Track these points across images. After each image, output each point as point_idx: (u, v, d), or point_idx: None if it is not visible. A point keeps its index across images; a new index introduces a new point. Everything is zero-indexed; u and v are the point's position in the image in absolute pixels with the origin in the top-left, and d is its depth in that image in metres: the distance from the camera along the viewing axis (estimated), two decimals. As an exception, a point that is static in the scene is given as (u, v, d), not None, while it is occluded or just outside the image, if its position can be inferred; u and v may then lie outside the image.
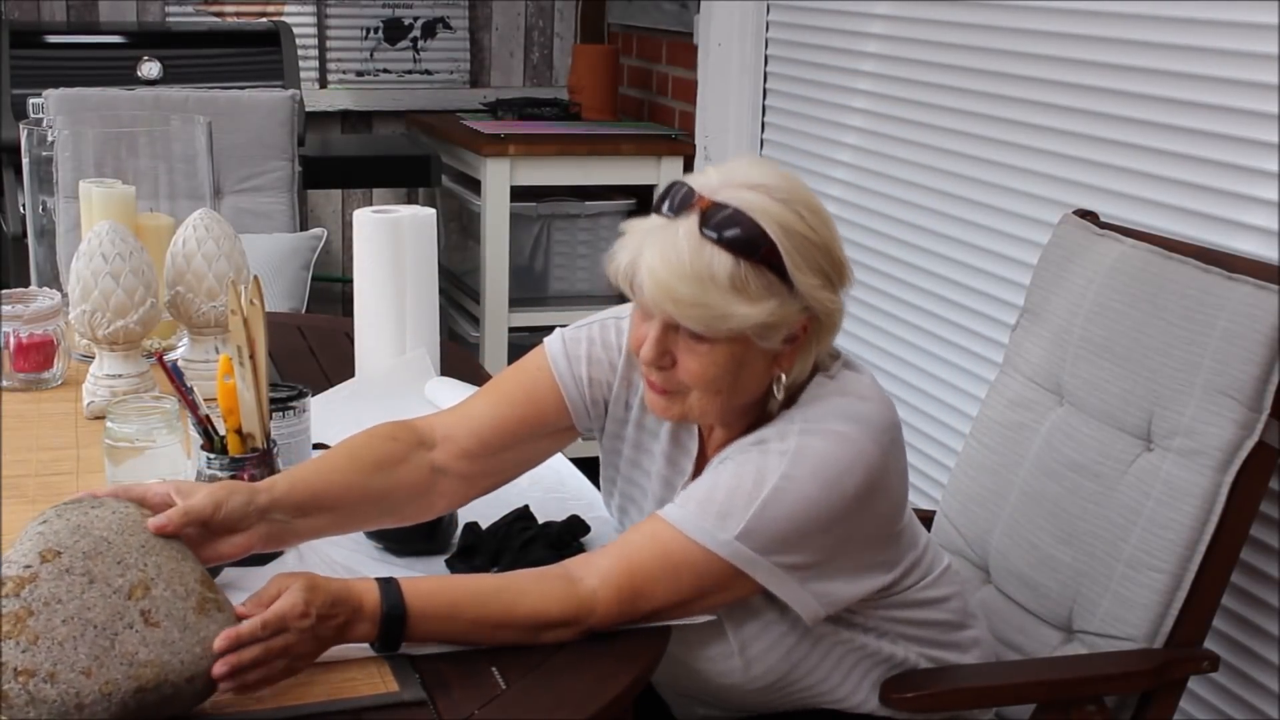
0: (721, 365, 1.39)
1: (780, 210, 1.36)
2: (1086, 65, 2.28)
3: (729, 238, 1.34)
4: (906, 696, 1.55)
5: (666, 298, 1.35)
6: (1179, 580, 1.68)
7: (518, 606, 1.33)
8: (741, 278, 1.34)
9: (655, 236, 1.37)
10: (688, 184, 1.39)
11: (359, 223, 2.09)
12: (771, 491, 1.36)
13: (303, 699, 1.22)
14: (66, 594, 1.16)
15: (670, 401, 1.44)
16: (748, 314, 1.35)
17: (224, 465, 1.45)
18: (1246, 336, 1.65)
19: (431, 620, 1.29)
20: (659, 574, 1.36)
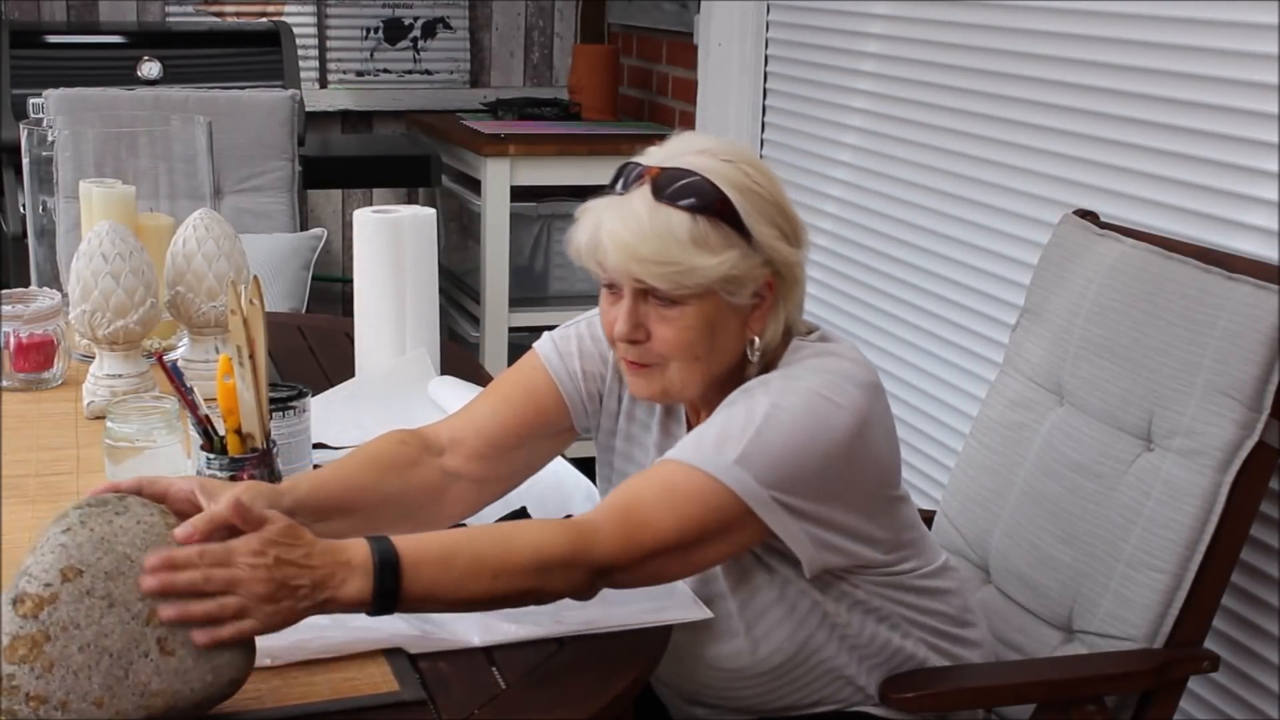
0: (695, 329, 1.42)
1: (727, 168, 1.41)
2: (1086, 65, 2.28)
3: (682, 196, 1.39)
4: (907, 696, 1.55)
5: (631, 259, 1.39)
6: (1179, 580, 1.68)
7: (515, 544, 1.29)
8: (700, 232, 1.38)
9: (612, 208, 1.41)
10: (636, 161, 1.44)
11: (359, 223, 2.09)
12: (764, 419, 1.38)
13: (303, 699, 1.22)
14: (85, 619, 1.13)
15: (649, 378, 1.46)
16: (711, 266, 1.38)
17: (224, 465, 1.45)
18: (1246, 336, 1.65)
19: (428, 568, 1.23)
20: (660, 502, 1.35)
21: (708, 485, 1.36)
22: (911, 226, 2.79)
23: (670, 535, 1.34)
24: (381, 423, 1.88)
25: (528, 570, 1.28)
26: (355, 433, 1.84)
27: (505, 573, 1.27)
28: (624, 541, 1.33)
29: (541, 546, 1.29)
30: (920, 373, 2.78)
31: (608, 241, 1.40)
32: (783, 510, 1.39)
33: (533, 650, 1.32)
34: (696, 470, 1.36)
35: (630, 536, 1.33)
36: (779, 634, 1.51)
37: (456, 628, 1.34)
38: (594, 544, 1.31)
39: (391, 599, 1.22)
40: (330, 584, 1.19)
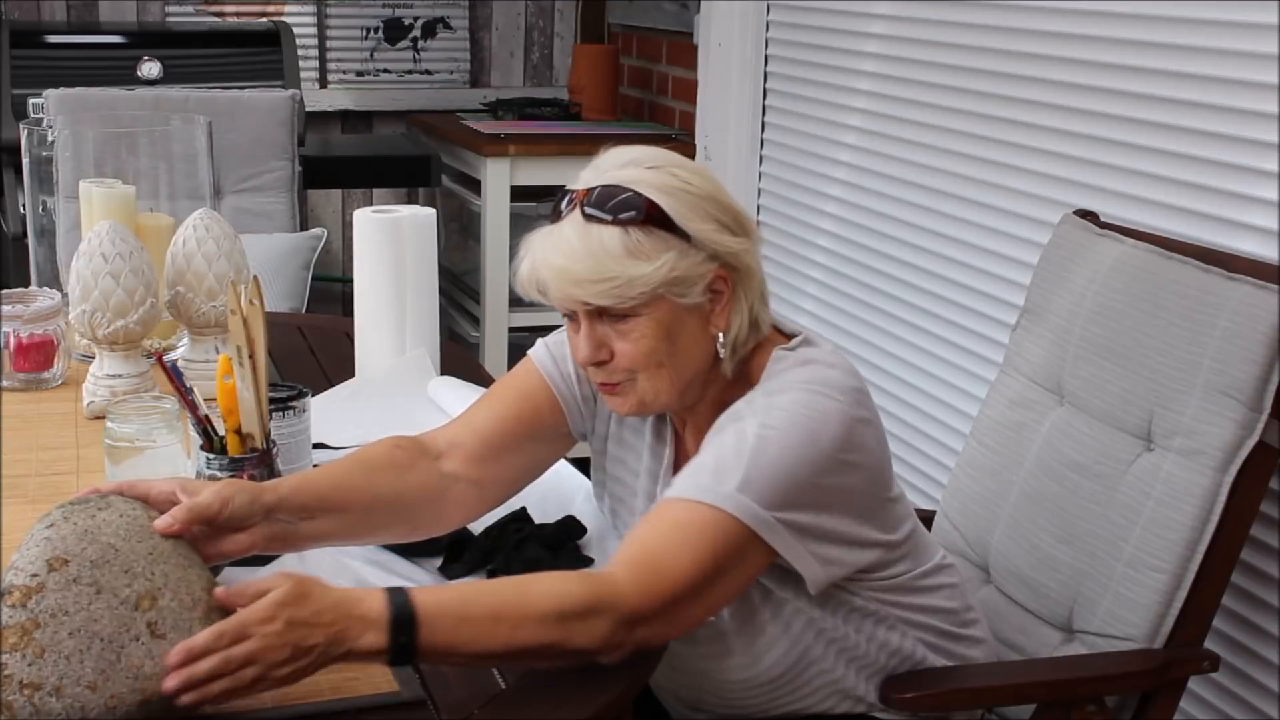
0: (653, 336, 1.42)
1: (653, 175, 1.41)
2: (1086, 65, 2.28)
3: (610, 211, 1.39)
4: (907, 696, 1.55)
5: (569, 282, 1.39)
6: (1179, 580, 1.68)
7: (533, 594, 1.27)
8: (633, 241, 1.39)
9: (544, 238, 1.43)
10: (567, 186, 1.45)
11: (359, 223, 2.09)
12: (755, 442, 1.37)
13: (303, 699, 1.22)
14: (74, 605, 1.15)
15: (624, 395, 1.46)
16: (649, 272, 1.38)
17: (223, 465, 1.45)
18: (1247, 336, 1.65)
19: (444, 620, 1.22)
20: (672, 543, 1.34)
21: (714, 518, 1.35)
22: (911, 226, 2.79)
23: (687, 574, 1.33)
24: (381, 423, 1.89)
25: (548, 620, 1.25)
26: (355, 433, 1.84)
27: (525, 623, 1.25)
28: (644, 588, 1.31)
29: (560, 596, 1.27)
30: (920, 373, 2.78)
31: (544, 271, 1.41)
32: (786, 530, 1.38)
33: (533, 650, 1.32)
34: (701, 505, 1.35)
35: (649, 583, 1.31)
36: (776, 650, 1.51)
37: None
38: (614, 593, 1.29)
39: (409, 652, 1.21)
40: (346, 638, 1.19)
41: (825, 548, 1.43)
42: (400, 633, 1.20)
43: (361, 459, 1.48)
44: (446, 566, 1.52)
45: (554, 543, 1.54)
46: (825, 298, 3.08)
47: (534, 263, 1.43)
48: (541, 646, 1.25)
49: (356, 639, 1.19)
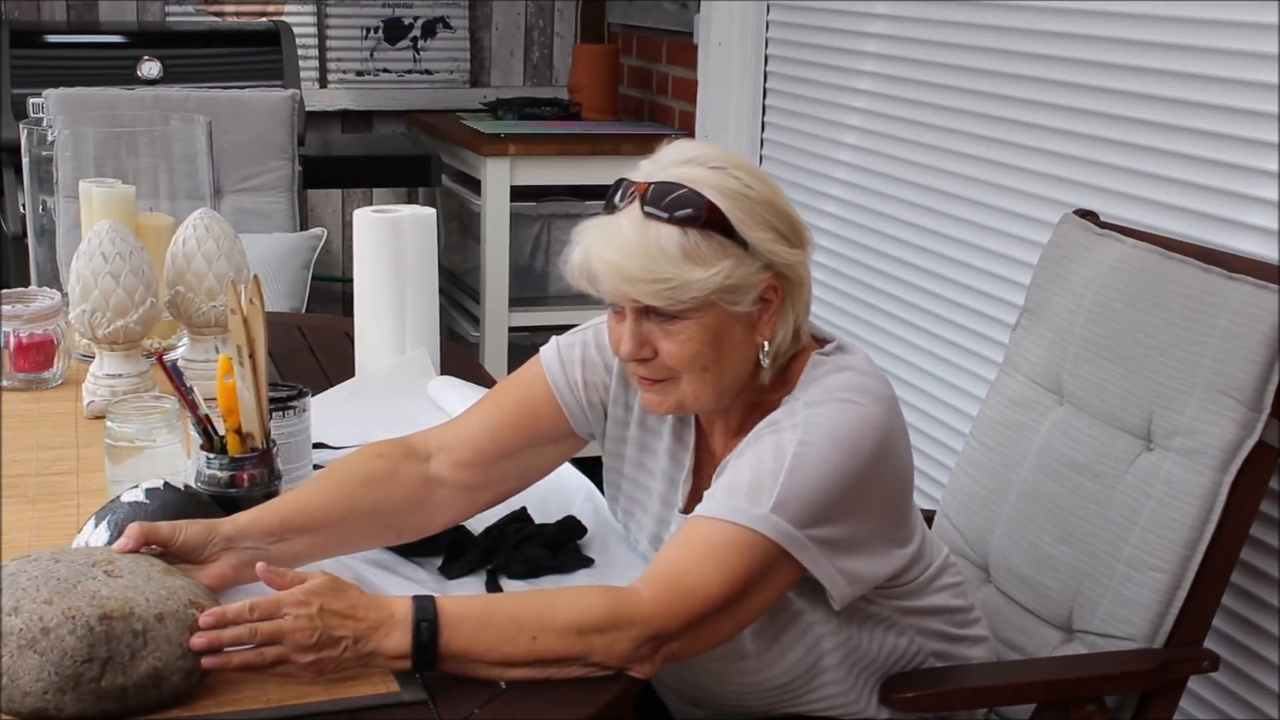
0: (700, 340, 1.39)
1: (715, 176, 1.38)
2: (1086, 65, 2.28)
3: (669, 209, 1.36)
4: (907, 696, 1.55)
5: (621, 279, 1.36)
6: (1179, 580, 1.68)
7: (556, 608, 1.28)
8: (691, 245, 1.35)
9: (599, 230, 1.39)
10: (626, 178, 1.42)
11: (359, 222, 2.09)
12: (793, 459, 1.35)
13: (303, 699, 1.22)
14: (31, 566, 1.21)
15: (663, 394, 1.44)
16: (705, 278, 1.35)
17: (223, 465, 1.45)
18: (1246, 336, 1.65)
19: (467, 625, 1.24)
20: (703, 563, 1.33)
21: (747, 539, 1.34)
22: (911, 226, 2.79)
23: (718, 594, 1.33)
24: (381, 423, 1.89)
25: (567, 632, 1.27)
26: (355, 433, 1.84)
27: (545, 633, 1.26)
28: (671, 608, 1.31)
29: (581, 610, 1.28)
30: (920, 373, 2.78)
31: (597, 265, 1.38)
32: (816, 548, 1.37)
33: (533, 650, 1.32)
34: (735, 526, 1.34)
35: (678, 603, 1.31)
36: (790, 657, 1.50)
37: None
38: (635, 609, 1.29)
39: (430, 654, 1.23)
40: (373, 637, 1.22)
41: (851, 562, 1.42)
42: (423, 634, 1.22)
43: (334, 474, 1.48)
44: (447, 566, 1.52)
45: (554, 543, 1.54)
46: (825, 297, 3.08)
47: (588, 254, 1.39)
48: (561, 657, 1.27)
49: (382, 639, 1.22)
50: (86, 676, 1.14)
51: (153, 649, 1.16)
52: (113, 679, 1.15)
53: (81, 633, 1.14)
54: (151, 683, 1.16)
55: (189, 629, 1.19)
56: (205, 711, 1.19)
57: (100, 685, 1.14)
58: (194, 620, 1.20)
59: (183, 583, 1.23)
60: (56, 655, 1.13)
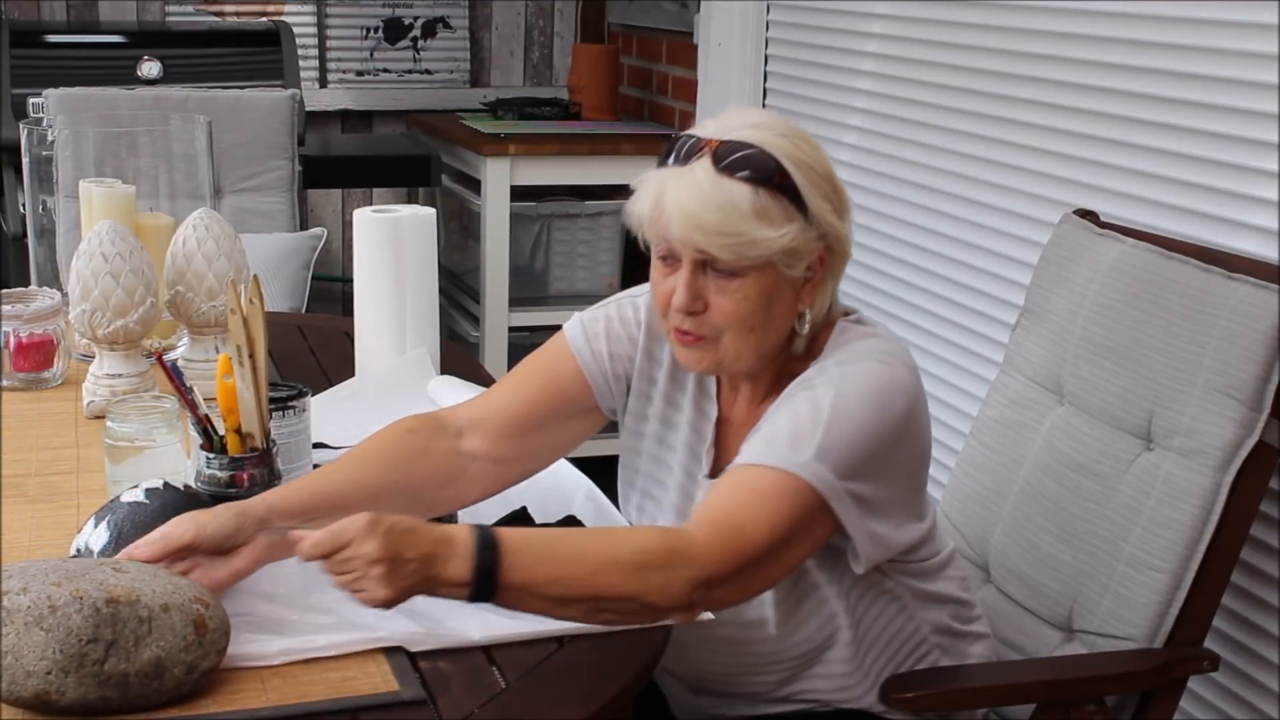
0: (753, 300, 1.43)
1: (783, 142, 1.42)
2: (1086, 65, 2.28)
3: (743, 168, 1.39)
4: (907, 696, 1.55)
5: (695, 229, 1.39)
6: (1179, 580, 1.68)
7: (614, 543, 1.31)
8: (762, 205, 1.39)
9: (675, 179, 1.41)
10: (691, 134, 1.44)
11: (359, 222, 2.09)
12: (830, 411, 1.39)
13: (303, 699, 1.22)
14: (41, 561, 1.22)
15: (703, 350, 1.47)
16: (773, 238, 1.40)
17: (223, 465, 1.45)
18: (1246, 336, 1.65)
19: (527, 554, 1.24)
20: (750, 507, 1.35)
21: (791, 484, 1.37)
22: (911, 226, 2.79)
23: (764, 538, 1.35)
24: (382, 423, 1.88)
25: (625, 568, 1.27)
26: (355, 432, 1.84)
27: (604, 568, 1.27)
28: (722, 549, 1.32)
29: (639, 546, 1.30)
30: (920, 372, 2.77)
31: (672, 211, 1.41)
32: (852, 503, 1.40)
33: (533, 650, 1.32)
34: (779, 471, 1.37)
35: (728, 544, 1.33)
36: (807, 628, 1.53)
37: (456, 624, 1.34)
38: (690, 550, 1.31)
39: (491, 582, 1.22)
40: (436, 561, 1.21)
41: (877, 524, 1.44)
42: (484, 561, 1.22)
43: (366, 451, 1.49)
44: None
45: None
46: (825, 297, 3.08)
47: (662, 200, 1.42)
48: (618, 596, 1.27)
49: (445, 564, 1.21)
50: (90, 658, 1.15)
51: (157, 637, 1.17)
52: (116, 664, 1.15)
53: (88, 612, 1.15)
54: (153, 672, 1.16)
55: (193, 623, 1.19)
56: (205, 711, 1.19)
57: (103, 669, 1.15)
58: (198, 615, 1.20)
59: (188, 581, 1.24)
60: (62, 633, 1.14)
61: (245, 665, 1.25)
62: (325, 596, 1.39)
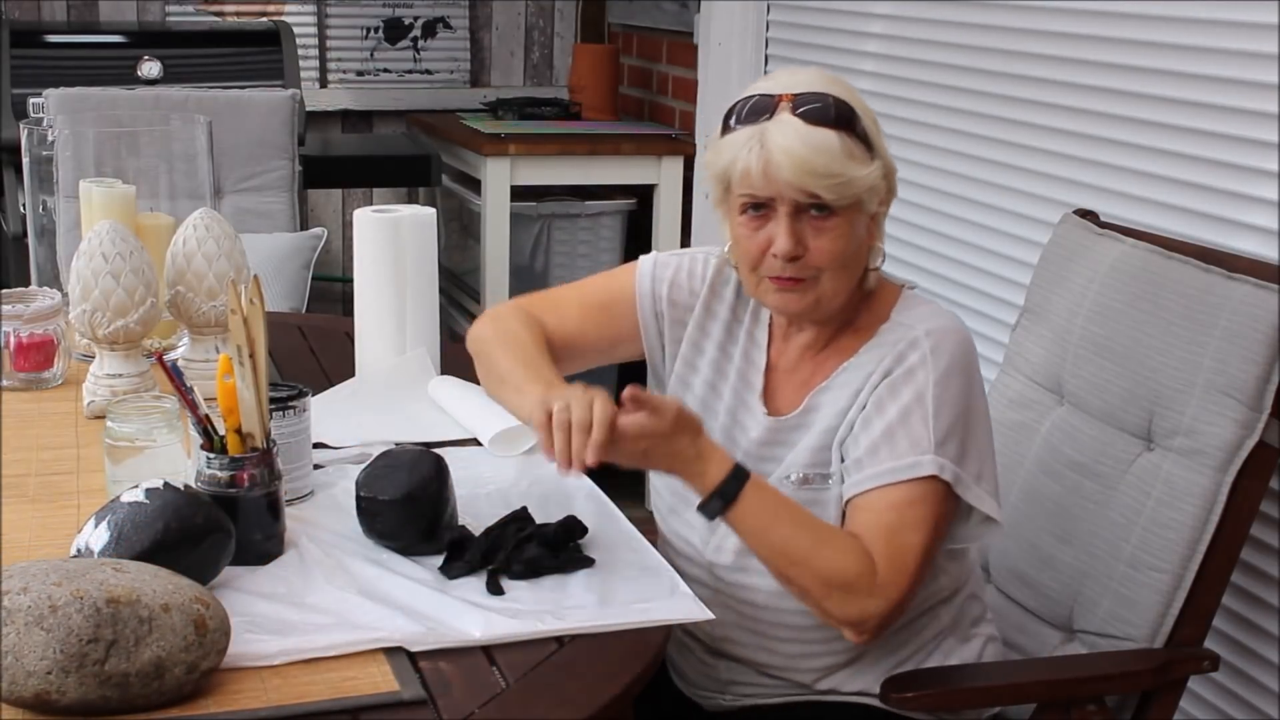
0: (847, 237, 1.53)
1: (844, 91, 1.54)
2: (1087, 65, 2.28)
3: (828, 116, 1.49)
4: (907, 696, 1.55)
5: (805, 172, 1.48)
6: (1179, 580, 1.68)
7: (823, 549, 1.47)
8: (848, 147, 1.50)
9: (774, 128, 1.49)
10: (755, 93, 1.53)
11: (359, 222, 2.09)
12: (933, 401, 1.51)
13: (303, 699, 1.22)
14: (42, 562, 1.22)
15: (804, 292, 1.55)
16: (864, 175, 1.50)
17: (224, 465, 1.45)
18: (1247, 336, 1.65)
19: (766, 500, 1.46)
20: (904, 528, 1.48)
21: (925, 488, 1.49)
22: (911, 226, 2.79)
23: (921, 550, 1.49)
24: (382, 422, 1.89)
25: (817, 576, 1.46)
26: (355, 433, 1.84)
27: (802, 567, 1.46)
28: (898, 579, 1.47)
29: (836, 566, 1.46)
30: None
31: (780, 157, 1.48)
32: (971, 479, 1.52)
33: (533, 650, 1.32)
34: (913, 483, 1.49)
35: (902, 573, 1.47)
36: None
37: (457, 624, 1.34)
38: (874, 583, 1.46)
39: (729, 498, 1.45)
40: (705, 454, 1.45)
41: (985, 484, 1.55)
42: (734, 479, 1.45)
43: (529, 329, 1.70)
44: (447, 566, 1.51)
45: (555, 542, 1.54)
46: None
47: (768, 146, 1.49)
48: (804, 591, 1.47)
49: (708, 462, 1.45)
50: (91, 658, 1.14)
51: (157, 637, 1.17)
52: (116, 664, 1.15)
53: (89, 612, 1.15)
54: (154, 672, 1.16)
55: (193, 623, 1.19)
56: (205, 711, 1.19)
57: (104, 669, 1.15)
58: (199, 615, 1.20)
59: (189, 582, 1.24)
60: (63, 633, 1.14)
61: (245, 665, 1.25)
62: (325, 596, 1.39)
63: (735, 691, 1.65)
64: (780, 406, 1.63)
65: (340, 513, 1.59)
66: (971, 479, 1.52)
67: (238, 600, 1.35)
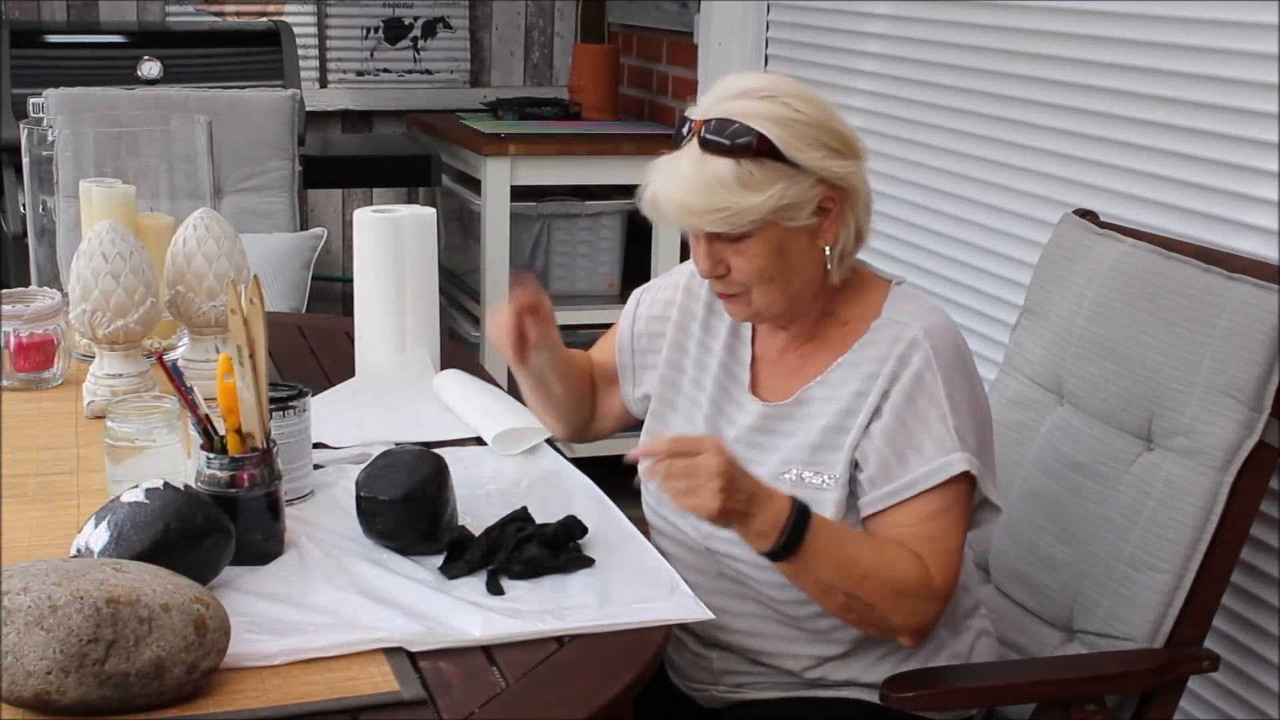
0: (764, 255, 1.54)
1: (765, 106, 1.51)
2: (1087, 65, 2.28)
3: (723, 144, 1.50)
4: (907, 696, 1.55)
5: (685, 213, 1.52)
6: (1179, 580, 1.68)
7: (885, 563, 1.50)
8: (745, 173, 1.50)
9: (663, 168, 1.55)
10: (687, 115, 1.56)
11: (359, 222, 2.09)
12: (947, 401, 1.54)
13: (303, 699, 1.22)
14: (42, 562, 1.22)
15: (739, 304, 1.60)
16: (760, 202, 1.50)
17: (223, 465, 1.45)
18: (1247, 336, 1.65)
19: (825, 536, 1.47)
20: (941, 531, 1.53)
21: (954, 488, 1.53)
22: (911, 226, 2.79)
23: (961, 544, 1.55)
24: (382, 422, 1.89)
25: (884, 584, 1.49)
26: (355, 433, 1.84)
27: (871, 578, 1.49)
28: (950, 578, 1.53)
29: (903, 574, 1.50)
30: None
31: (662, 203, 1.53)
32: (987, 468, 1.56)
33: (533, 650, 1.32)
34: (942, 488, 1.53)
35: (952, 570, 1.53)
36: None
37: (457, 624, 1.34)
38: (933, 585, 1.51)
39: (795, 541, 1.45)
40: (759, 502, 1.44)
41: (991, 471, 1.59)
42: (797, 525, 1.45)
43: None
44: (447, 566, 1.52)
45: (555, 542, 1.54)
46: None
47: (654, 193, 1.55)
48: (871, 604, 1.50)
49: (764, 509, 1.44)
50: (91, 658, 1.15)
51: (157, 637, 1.17)
52: (116, 664, 1.15)
53: (89, 612, 1.15)
54: (154, 672, 1.16)
55: (193, 623, 1.19)
56: (205, 711, 1.19)
57: (104, 669, 1.15)
58: (199, 615, 1.20)
59: (189, 582, 1.24)
60: (63, 633, 1.14)
61: (245, 665, 1.25)
62: (325, 596, 1.39)
63: (728, 682, 1.66)
64: (770, 395, 1.65)
65: (340, 513, 1.59)
66: (986, 469, 1.57)
67: (238, 600, 1.35)
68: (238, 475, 1.45)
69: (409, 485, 1.51)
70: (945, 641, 1.64)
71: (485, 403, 1.92)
